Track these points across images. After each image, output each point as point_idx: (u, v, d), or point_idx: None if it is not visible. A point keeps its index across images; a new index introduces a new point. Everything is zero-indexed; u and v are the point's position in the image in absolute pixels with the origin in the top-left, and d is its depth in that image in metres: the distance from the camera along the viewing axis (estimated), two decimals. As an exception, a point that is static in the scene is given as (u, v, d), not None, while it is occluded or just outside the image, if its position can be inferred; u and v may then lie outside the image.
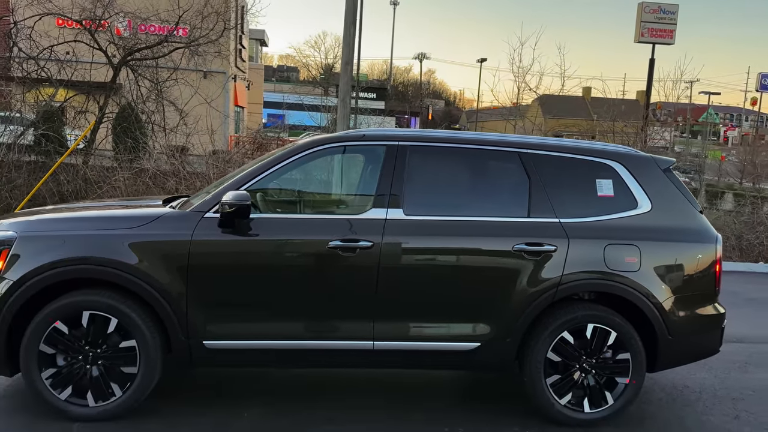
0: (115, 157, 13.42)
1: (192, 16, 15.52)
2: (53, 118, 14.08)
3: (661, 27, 34.73)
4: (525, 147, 4.33)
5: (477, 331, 4.04)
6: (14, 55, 14.95)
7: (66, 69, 15.00)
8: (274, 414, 4.09)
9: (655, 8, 34.63)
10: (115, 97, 15.58)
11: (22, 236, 3.84)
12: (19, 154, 11.92)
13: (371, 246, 3.93)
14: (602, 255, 4.10)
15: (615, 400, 4.16)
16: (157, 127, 15.06)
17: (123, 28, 17.25)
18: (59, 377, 3.80)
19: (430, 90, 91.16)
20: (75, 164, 12.74)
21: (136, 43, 15.55)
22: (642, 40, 34.21)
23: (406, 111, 60.84)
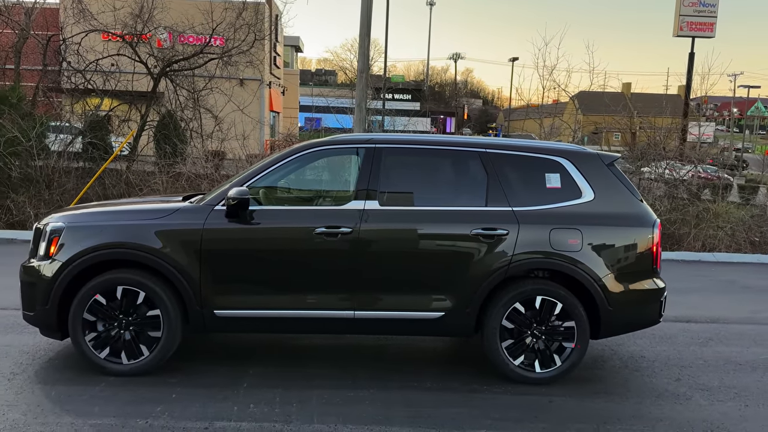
0: (156, 162, 14.54)
1: (225, 28, 16.58)
2: (99, 127, 15.30)
3: (700, 20, 34.30)
4: (485, 147, 5.07)
5: (441, 302, 4.80)
6: (63, 69, 16.27)
7: (110, 80, 16.26)
8: (273, 371, 4.92)
9: (695, 1, 34.31)
10: (155, 106, 16.76)
11: (69, 226, 4.78)
12: (68, 161, 13.09)
13: (350, 231, 4.73)
14: (548, 238, 4.81)
15: (562, 362, 4.86)
16: (194, 134, 16.17)
17: (164, 40, 18.49)
18: (99, 340, 4.71)
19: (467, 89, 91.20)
20: (119, 169, 13.87)
21: (174, 54, 16.69)
22: (681, 33, 33.85)
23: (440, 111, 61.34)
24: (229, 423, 4.03)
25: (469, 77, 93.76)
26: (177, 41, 18.43)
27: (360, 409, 4.30)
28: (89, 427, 3.92)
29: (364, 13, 10.99)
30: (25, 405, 4.20)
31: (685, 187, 14.22)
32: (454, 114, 62.04)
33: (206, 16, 16.19)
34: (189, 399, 4.36)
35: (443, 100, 72.89)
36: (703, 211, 13.13)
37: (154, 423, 3.99)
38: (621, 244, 4.94)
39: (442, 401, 4.51)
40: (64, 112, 15.80)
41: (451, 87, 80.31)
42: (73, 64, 16.18)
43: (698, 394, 4.87)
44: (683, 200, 13.75)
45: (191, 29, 17.03)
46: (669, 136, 16.51)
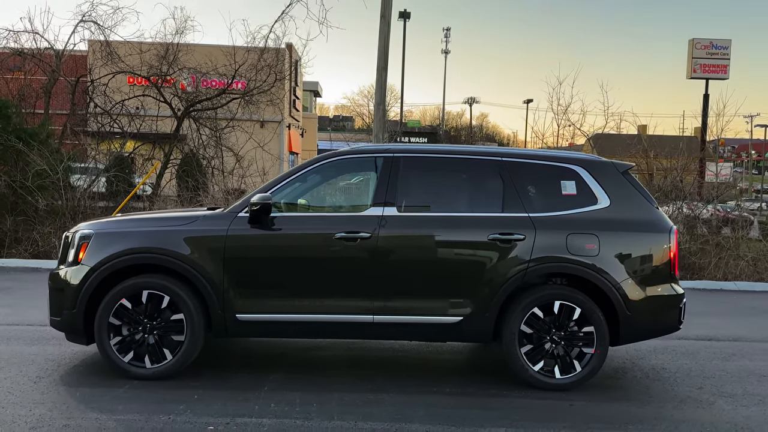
0: (178, 197, 14.84)
1: (247, 69, 17.09)
2: (123, 167, 15.70)
3: (713, 62, 34.62)
4: (501, 156, 5.19)
5: (459, 306, 4.84)
6: (90, 110, 16.82)
7: (135, 121, 16.76)
8: (293, 378, 4.96)
9: (707, 44, 34.61)
10: (179, 145, 17.20)
11: (97, 233, 4.93)
12: (92, 201, 13.40)
13: (369, 237, 4.83)
14: (565, 242, 4.86)
15: (582, 368, 4.85)
16: (216, 171, 16.51)
17: (187, 84, 19.07)
18: (123, 344, 4.80)
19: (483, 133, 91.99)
20: (142, 207, 14.17)
21: (197, 95, 17.20)
22: (695, 76, 34.10)
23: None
24: (250, 419, 4.07)
25: (485, 121, 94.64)
26: (200, 84, 19.01)
27: (379, 410, 4.32)
28: (113, 422, 3.98)
29: (381, 47, 11.32)
30: (51, 403, 4.28)
31: (704, 223, 14.19)
32: (470, 157, 62.34)
33: (229, 57, 16.73)
34: (211, 399, 4.42)
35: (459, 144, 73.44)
36: (723, 240, 13.05)
37: (177, 419, 4.04)
38: (638, 250, 4.98)
39: (461, 404, 4.51)
40: (89, 150, 16.25)
41: (466, 131, 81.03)
42: (100, 104, 16.75)
43: (721, 400, 4.82)
44: (703, 234, 13.69)
45: (214, 71, 17.57)
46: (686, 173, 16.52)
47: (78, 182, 13.75)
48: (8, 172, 12.69)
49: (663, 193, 14.51)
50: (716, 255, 12.60)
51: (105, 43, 16.69)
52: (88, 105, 16.93)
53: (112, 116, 16.63)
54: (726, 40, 34.73)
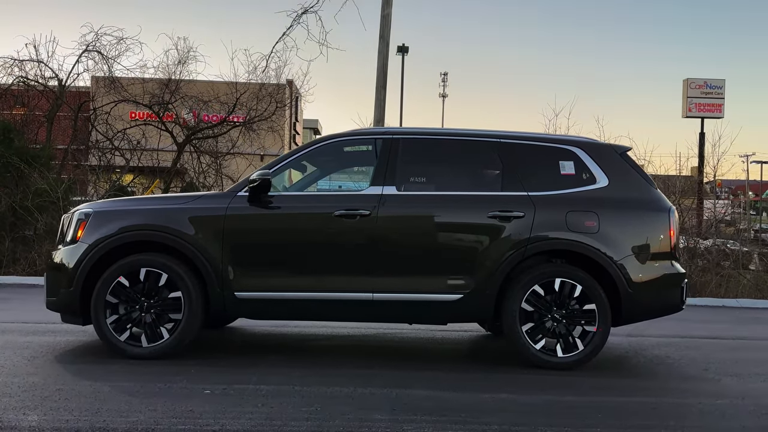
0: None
1: (248, 98, 17.33)
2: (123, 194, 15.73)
3: (708, 102, 35.01)
4: (499, 137, 5.23)
5: (459, 284, 4.80)
6: (92, 140, 16.97)
7: (136, 153, 16.87)
8: (291, 360, 4.88)
9: (701, 84, 35.05)
10: (178, 178, 17.29)
11: (96, 211, 4.93)
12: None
13: (369, 214, 4.82)
14: (564, 220, 4.86)
15: (585, 346, 4.78)
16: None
17: (188, 118, 19.30)
18: (120, 323, 4.73)
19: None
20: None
21: (199, 124, 17.39)
22: (690, 115, 34.41)
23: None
24: (248, 386, 4.00)
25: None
26: (201, 119, 19.24)
27: (378, 381, 4.24)
28: (110, 387, 3.91)
29: (380, 66, 11.51)
30: (44, 374, 4.21)
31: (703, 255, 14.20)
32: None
33: (230, 86, 16.98)
34: (208, 372, 4.35)
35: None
36: (723, 259, 13.03)
37: (173, 386, 3.97)
38: (638, 227, 4.97)
39: (461, 378, 4.44)
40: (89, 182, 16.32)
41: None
42: (102, 132, 16.91)
43: (727, 378, 4.75)
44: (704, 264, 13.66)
45: (216, 99, 17.80)
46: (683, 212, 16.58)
47: None
48: (9, 193, 12.74)
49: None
50: (717, 273, 12.55)
51: (108, 72, 16.98)
52: (89, 134, 17.10)
53: (114, 145, 16.77)
54: (720, 80, 35.17)
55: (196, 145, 17.26)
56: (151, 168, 17.28)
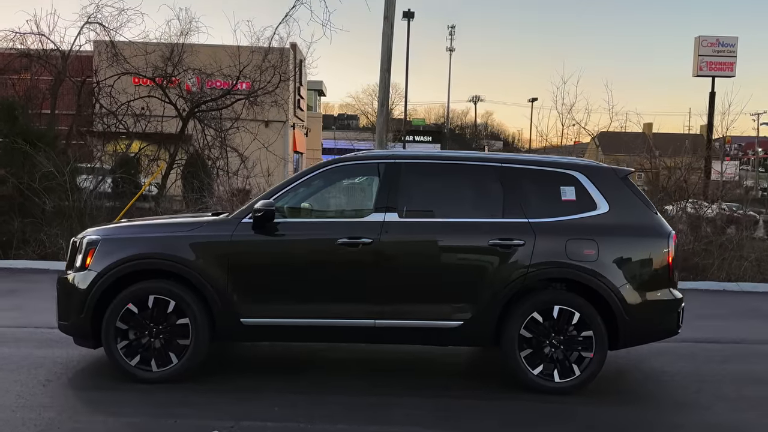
0: (183, 198, 14.95)
1: (252, 71, 17.18)
2: (129, 167, 15.82)
3: (720, 60, 34.48)
4: (501, 162, 5.26)
5: (459, 311, 4.91)
6: (96, 111, 16.95)
7: (141, 122, 16.86)
8: (298, 381, 5.05)
9: (713, 41, 34.45)
10: (184, 146, 17.31)
11: (104, 239, 5.03)
12: (98, 201, 13.51)
13: (371, 242, 4.90)
14: (564, 248, 4.93)
15: (581, 371, 4.92)
16: (221, 171, 16.61)
17: (192, 84, 19.18)
18: (130, 348, 4.89)
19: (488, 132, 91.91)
20: (147, 207, 14.28)
21: (202, 96, 17.30)
22: (701, 74, 33.93)
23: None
24: (254, 422, 4.16)
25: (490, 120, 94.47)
26: (205, 86, 19.12)
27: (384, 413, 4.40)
28: (121, 424, 4.08)
29: (384, 49, 11.39)
30: (59, 406, 4.38)
31: (709, 222, 14.22)
32: (475, 156, 62.38)
33: (233, 59, 16.81)
34: (215, 403, 4.51)
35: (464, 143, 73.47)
36: (726, 241, 13.08)
37: (183, 422, 4.14)
38: (637, 255, 5.05)
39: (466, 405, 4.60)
40: (95, 152, 16.38)
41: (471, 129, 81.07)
42: (106, 105, 16.87)
43: (719, 404, 4.89)
44: (707, 235, 13.70)
45: (219, 72, 17.65)
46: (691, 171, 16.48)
47: (85, 183, 13.87)
48: (16, 173, 12.82)
49: (667, 193, 14.54)
50: (720, 256, 12.62)
51: (110, 44, 16.82)
52: (93, 106, 17.06)
53: (117, 117, 16.75)
54: (732, 38, 34.55)
55: (201, 118, 17.22)
56: (157, 135, 17.31)
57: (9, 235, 12.35)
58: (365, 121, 71.95)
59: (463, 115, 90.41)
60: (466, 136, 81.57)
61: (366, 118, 71.19)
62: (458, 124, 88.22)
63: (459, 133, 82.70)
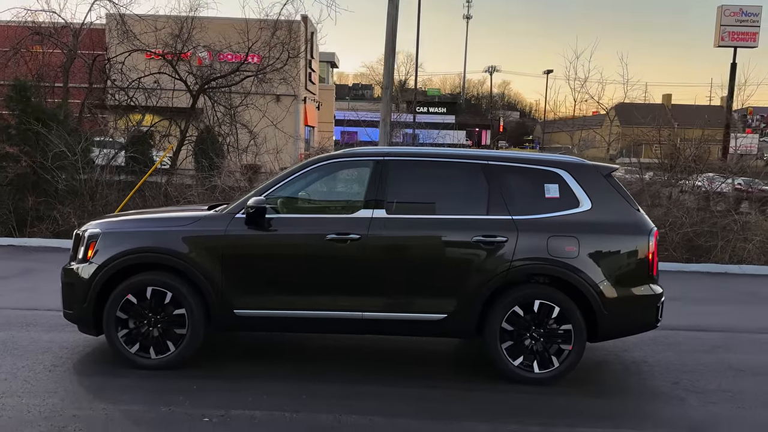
0: (194, 175, 15.21)
1: (260, 47, 17.24)
2: (141, 142, 16.07)
3: (742, 30, 33.86)
4: (487, 159, 5.39)
5: (443, 305, 5.11)
6: (108, 86, 17.15)
7: (152, 97, 17.05)
8: (288, 369, 5.29)
9: (736, 11, 33.79)
10: (194, 122, 17.50)
11: (105, 232, 5.26)
12: (111, 175, 13.80)
13: (359, 238, 5.09)
14: (546, 245, 5.09)
15: (560, 363, 5.12)
16: (231, 148, 16.82)
17: (203, 58, 19.28)
18: (130, 336, 5.16)
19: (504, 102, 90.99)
20: (159, 182, 14.55)
21: (212, 72, 17.42)
22: (722, 44, 33.36)
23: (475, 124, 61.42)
24: (243, 411, 4.41)
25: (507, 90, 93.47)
26: (217, 59, 19.22)
27: (366, 403, 4.63)
28: (119, 412, 4.35)
29: (389, 32, 11.42)
30: (63, 392, 4.66)
31: (721, 199, 14.19)
32: (489, 127, 62.09)
33: (242, 35, 16.88)
34: (209, 390, 4.77)
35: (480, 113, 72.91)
36: (731, 222, 13.09)
37: (176, 410, 4.40)
38: (617, 252, 5.19)
39: (449, 396, 4.82)
40: (108, 127, 16.63)
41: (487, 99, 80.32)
42: (117, 82, 17.07)
43: (693, 396, 5.05)
44: (717, 213, 13.69)
45: (228, 48, 17.74)
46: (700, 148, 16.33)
47: (98, 158, 14.12)
48: (29, 152, 13.12)
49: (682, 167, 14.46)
50: (723, 237, 12.65)
51: (120, 20, 16.94)
52: (105, 82, 17.26)
53: (128, 94, 16.96)
54: (756, 7, 33.86)
55: (211, 95, 17.37)
56: (168, 109, 17.52)
57: (24, 213, 12.72)
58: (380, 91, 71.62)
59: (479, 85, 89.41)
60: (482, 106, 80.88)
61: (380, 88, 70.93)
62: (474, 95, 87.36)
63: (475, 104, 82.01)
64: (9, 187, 13.19)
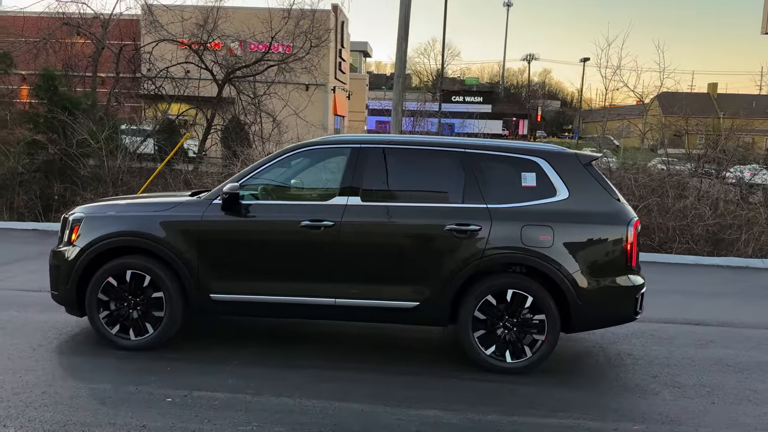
0: (223, 161, 15.50)
1: (284, 36, 17.37)
2: (170, 130, 16.42)
3: (790, 15, 32.55)
4: (464, 147, 5.34)
5: (416, 292, 5.10)
6: (137, 76, 17.55)
7: (180, 86, 17.37)
8: (264, 352, 5.37)
9: (784, -4, 32.55)
10: (221, 111, 17.78)
11: (87, 216, 5.42)
12: (139, 162, 14.13)
13: (333, 225, 5.12)
14: (519, 234, 5.02)
15: (533, 353, 5.06)
16: (255, 137, 17.04)
17: (235, 48, 19.54)
18: (111, 318, 5.31)
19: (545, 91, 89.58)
20: (181, 170, 14.86)
21: (237, 62, 17.64)
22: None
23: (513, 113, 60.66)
24: (206, 393, 4.50)
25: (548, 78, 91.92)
26: (248, 48, 19.45)
27: (327, 386, 4.68)
28: (87, 390, 4.49)
29: (401, 19, 11.37)
30: (40, 370, 4.83)
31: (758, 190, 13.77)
32: (527, 116, 61.22)
33: (266, 25, 17.03)
34: (180, 372, 4.88)
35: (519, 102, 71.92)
36: (757, 215, 12.67)
37: (142, 390, 4.52)
38: (593, 241, 5.09)
39: (408, 383, 4.82)
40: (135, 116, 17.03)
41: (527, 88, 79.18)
42: (145, 71, 17.44)
43: (668, 390, 4.94)
44: (748, 205, 13.27)
45: (252, 38, 17.92)
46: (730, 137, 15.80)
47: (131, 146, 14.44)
48: (55, 140, 13.55)
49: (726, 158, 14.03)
50: (747, 230, 12.26)
51: (148, 11, 17.28)
52: (134, 72, 17.66)
53: (155, 84, 17.33)
54: (806, -9, 32.40)
55: (236, 84, 17.59)
56: (195, 98, 17.84)
57: (49, 199, 13.16)
58: (417, 81, 71.29)
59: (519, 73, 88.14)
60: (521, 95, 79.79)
61: (417, 77, 70.54)
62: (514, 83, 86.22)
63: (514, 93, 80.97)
64: (37, 174, 13.67)
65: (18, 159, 13.05)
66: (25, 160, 13.31)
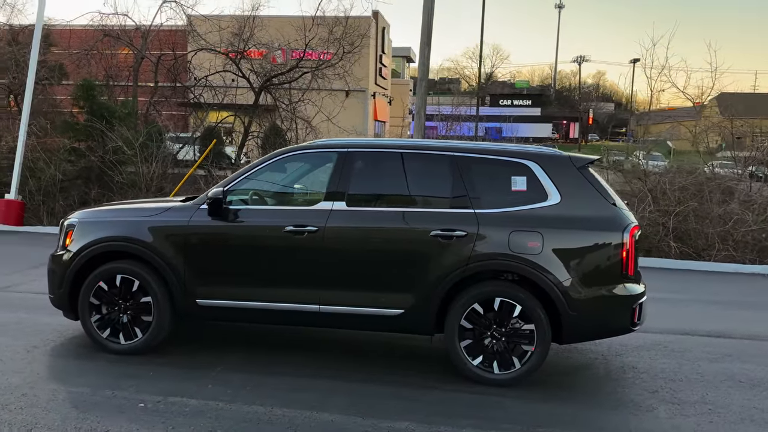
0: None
1: (317, 43, 17.51)
2: (210, 137, 16.74)
3: None
4: (453, 151, 5.19)
5: (401, 300, 4.96)
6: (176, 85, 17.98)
7: (218, 94, 17.72)
8: (249, 359, 5.33)
9: None
10: (258, 118, 18.05)
11: (80, 221, 5.51)
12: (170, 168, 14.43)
13: (317, 230, 5.04)
14: (507, 240, 4.83)
15: (522, 365, 4.85)
16: (292, 143, 17.23)
17: (278, 56, 19.84)
18: (102, 321, 5.37)
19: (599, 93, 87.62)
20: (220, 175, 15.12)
21: (272, 69, 17.87)
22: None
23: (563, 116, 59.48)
24: (181, 399, 4.48)
25: (602, 80, 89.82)
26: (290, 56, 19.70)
27: (305, 395, 4.59)
28: (66, 393, 4.54)
29: (424, 24, 11.26)
30: (28, 372, 4.92)
31: None
32: (578, 119, 59.89)
33: (300, 32, 17.20)
34: (162, 376, 4.88)
35: (571, 105, 70.49)
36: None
37: (119, 394, 4.53)
38: (585, 248, 4.85)
39: (384, 394, 4.68)
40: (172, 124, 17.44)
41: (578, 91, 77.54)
42: (184, 81, 17.86)
43: (665, 407, 4.64)
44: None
45: (287, 46, 18.14)
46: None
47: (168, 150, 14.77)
48: (93, 147, 13.99)
49: None
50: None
51: (187, 21, 17.70)
52: (174, 81, 18.09)
53: (194, 93, 17.72)
54: None
55: (273, 92, 17.82)
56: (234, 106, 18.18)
57: (88, 204, 13.56)
58: (466, 85, 70.83)
59: (572, 75, 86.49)
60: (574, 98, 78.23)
61: (466, 82, 70.07)
62: (566, 86, 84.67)
63: (566, 95, 79.50)
64: (77, 180, 14.14)
65: (58, 166, 13.52)
66: (66, 168, 13.78)
